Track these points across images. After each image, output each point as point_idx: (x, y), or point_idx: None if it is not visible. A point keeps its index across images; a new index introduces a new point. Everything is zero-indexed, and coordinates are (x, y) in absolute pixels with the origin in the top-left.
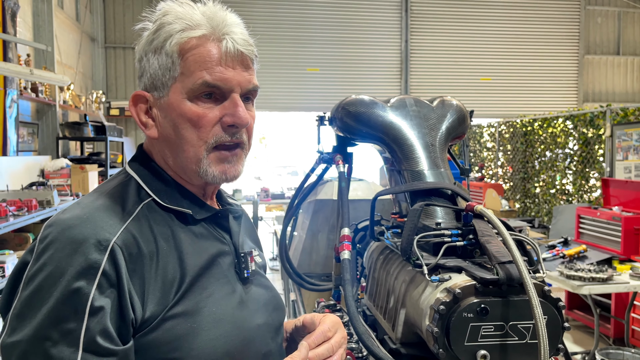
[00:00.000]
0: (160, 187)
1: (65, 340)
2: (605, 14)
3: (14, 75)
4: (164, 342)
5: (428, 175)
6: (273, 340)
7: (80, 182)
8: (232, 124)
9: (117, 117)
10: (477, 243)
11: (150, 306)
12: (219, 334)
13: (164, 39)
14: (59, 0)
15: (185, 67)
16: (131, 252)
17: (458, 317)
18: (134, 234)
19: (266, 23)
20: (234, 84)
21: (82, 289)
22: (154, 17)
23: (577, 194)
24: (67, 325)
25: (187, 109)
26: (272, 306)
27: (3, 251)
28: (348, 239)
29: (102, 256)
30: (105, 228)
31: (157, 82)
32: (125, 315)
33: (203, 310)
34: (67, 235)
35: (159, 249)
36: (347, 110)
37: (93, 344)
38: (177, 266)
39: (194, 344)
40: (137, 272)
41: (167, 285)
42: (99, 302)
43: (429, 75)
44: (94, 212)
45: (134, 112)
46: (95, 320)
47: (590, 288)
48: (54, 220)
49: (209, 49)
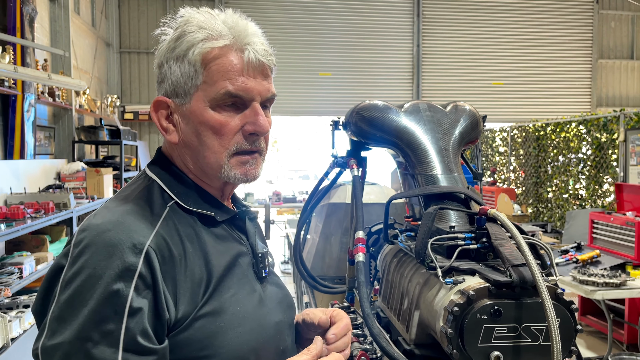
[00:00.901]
0: (181, 190)
1: (106, 341)
2: (619, 18)
3: (33, 80)
4: (195, 340)
5: (442, 179)
6: (289, 336)
7: (95, 185)
8: (253, 132)
9: (131, 121)
10: (490, 246)
11: (181, 306)
12: (244, 331)
13: (187, 48)
14: (76, 6)
15: (208, 77)
16: (164, 255)
17: (472, 318)
18: (164, 237)
19: (279, 28)
20: (254, 94)
21: (121, 290)
22: (175, 24)
23: (590, 198)
24: (107, 326)
25: (209, 117)
26: (286, 304)
27: (21, 253)
28: (363, 241)
29: (137, 259)
30: (139, 232)
31: (179, 90)
32: (161, 316)
33: (228, 309)
34: (102, 239)
35: (186, 250)
36: (362, 115)
37: (133, 343)
38: (203, 267)
39: (223, 341)
40: (169, 273)
41: (195, 285)
42: (137, 303)
43: (440, 80)
44: (125, 216)
45: (155, 118)
46: (135, 321)
47: (604, 293)
48: (86, 225)
49: (231, 60)
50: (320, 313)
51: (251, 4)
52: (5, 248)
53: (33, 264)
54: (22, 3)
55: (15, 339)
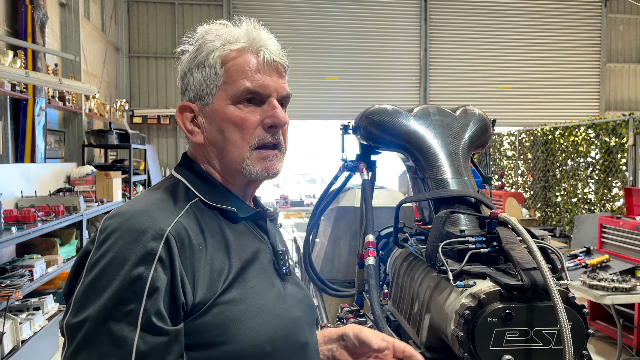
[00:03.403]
0: (205, 188)
1: (126, 320)
2: (627, 22)
3: (45, 84)
4: (212, 326)
5: (452, 183)
6: (309, 335)
7: (104, 188)
8: (272, 124)
9: (140, 124)
10: (501, 250)
11: (200, 293)
12: (261, 321)
13: (207, 54)
14: (86, 11)
15: (227, 77)
16: (183, 242)
17: (483, 322)
18: (185, 226)
19: (287, 32)
20: (271, 90)
21: (142, 274)
22: (195, 38)
23: (599, 203)
24: (128, 306)
25: (231, 113)
26: (307, 304)
27: (31, 255)
28: (373, 245)
29: (158, 244)
30: (161, 220)
31: (202, 92)
32: (177, 298)
33: (247, 300)
34: (127, 225)
35: (206, 241)
36: (371, 119)
37: (149, 323)
38: (225, 258)
39: (240, 329)
40: (188, 259)
41: (214, 274)
42: (155, 285)
43: (448, 84)
44: (150, 205)
45: (180, 121)
46: (151, 302)
47: (614, 298)
48: (112, 214)
49: (248, 59)
50: (374, 336)
51: (259, 9)
52: (16, 251)
53: (43, 266)
54: (34, 8)
55: (26, 341)
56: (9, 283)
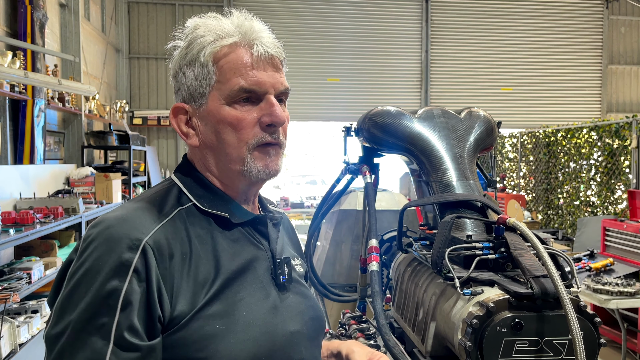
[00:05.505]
0: (201, 192)
1: (99, 334)
2: (629, 24)
3: (44, 85)
4: (191, 341)
5: (457, 187)
6: (307, 349)
7: (104, 190)
8: (270, 123)
9: (140, 126)
10: (509, 256)
11: (179, 305)
12: (246, 337)
13: (198, 51)
14: (86, 12)
15: (220, 75)
16: (162, 252)
17: (492, 331)
18: (166, 235)
19: (287, 33)
20: (267, 86)
21: (116, 286)
22: (185, 33)
23: (602, 205)
24: (101, 319)
25: (226, 113)
26: (309, 316)
27: (29, 257)
28: (376, 250)
29: (134, 255)
30: (139, 228)
31: (195, 93)
32: (153, 311)
33: (234, 313)
34: (105, 234)
35: (192, 250)
36: (374, 121)
37: (122, 339)
38: (211, 268)
39: (220, 345)
40: (168, 270)
41: (198, 285)
42: (129, 298)
43: (449, 86)
44: (132, 212)
45: (174, 124)
46: (124, 316)
47: (618, 302)
48: (96, 221)
49: (241, 55)
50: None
51: (259, 10)
52: (14, 253)
53: (42, 269)
54: (33, 9)
55: (24, 345)
56: (6, 286)
